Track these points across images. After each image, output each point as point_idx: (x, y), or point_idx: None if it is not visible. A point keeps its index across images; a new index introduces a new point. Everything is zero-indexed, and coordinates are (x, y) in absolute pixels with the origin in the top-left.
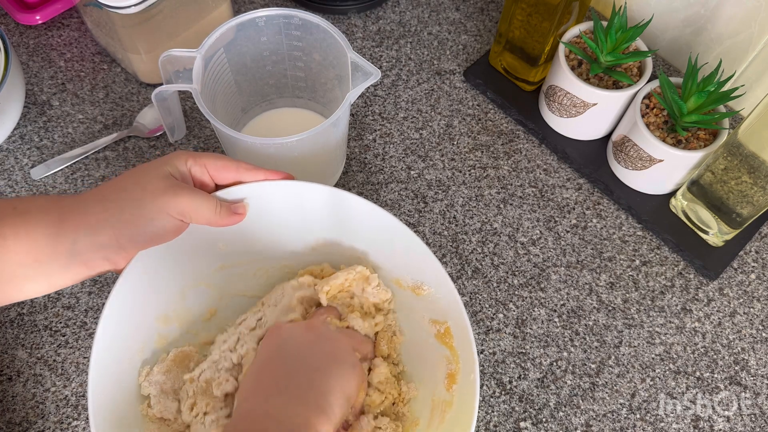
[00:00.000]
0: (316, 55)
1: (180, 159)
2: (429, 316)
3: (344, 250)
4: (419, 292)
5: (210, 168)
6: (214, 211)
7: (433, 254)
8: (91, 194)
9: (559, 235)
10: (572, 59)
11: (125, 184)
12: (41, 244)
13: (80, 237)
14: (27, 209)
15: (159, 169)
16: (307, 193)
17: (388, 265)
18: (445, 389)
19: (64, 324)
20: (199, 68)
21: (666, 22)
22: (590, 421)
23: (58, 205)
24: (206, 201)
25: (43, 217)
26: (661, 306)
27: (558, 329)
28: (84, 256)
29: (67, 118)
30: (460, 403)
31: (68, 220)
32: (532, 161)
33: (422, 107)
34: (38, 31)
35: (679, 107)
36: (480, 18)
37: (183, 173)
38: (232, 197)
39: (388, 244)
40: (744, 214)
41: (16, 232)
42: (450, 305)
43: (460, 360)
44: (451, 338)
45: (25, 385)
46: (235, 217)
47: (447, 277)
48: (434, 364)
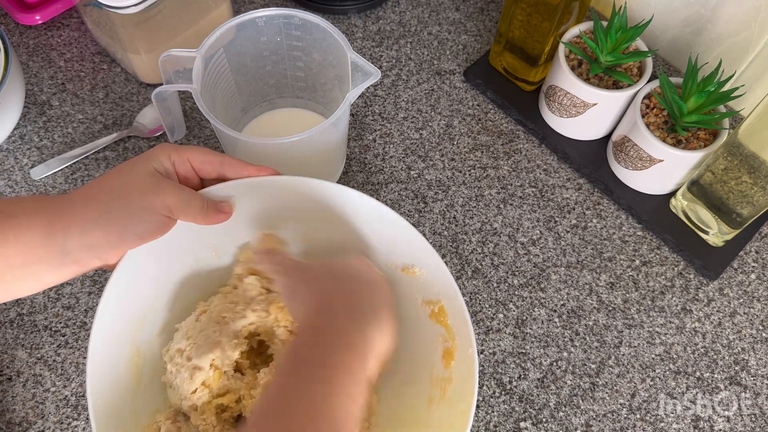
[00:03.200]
0: (316, 55)
1: (163, 154)
2: (422, 297)
3: (334, 238)
4: (411, 273)
5: (193, 162)
6: (201, 208)
7: (421, 235)
8: (78, 195)
9: (559, 235)
10: (572, 59)
11: (112, 183)
12: (31, 246)
13: (70, 239)
14: (14, 212)
15: (143, 165)
16: (295, 187)
17: (379, 249)
18: (444, 367)
19: (64, 324)
20: (199, 68)
21: (666, 22)
22: (590, 421)
23: (47, 207)
24: (193, 198)
25: (32, 221)
26: (661, 306)
27: (558, 329)
28: (75, 256)
29: (67, 118)
30: (460, 379)
31: (57, 223)
32: (532, 161)
33: (422, 107)
34: (38, 31)
35: (679, 107)
36: (480, 18)
37: (167, 169)
38: (218, 195)
39: (377, 229)
40: (744, 214)
41: (4, 236)
42: (442, 284)
43: (456, 337)
44: (445, 316)
45: (25, 385)
46: (221, 216)
47: (437, 257)
48: (430, 344)
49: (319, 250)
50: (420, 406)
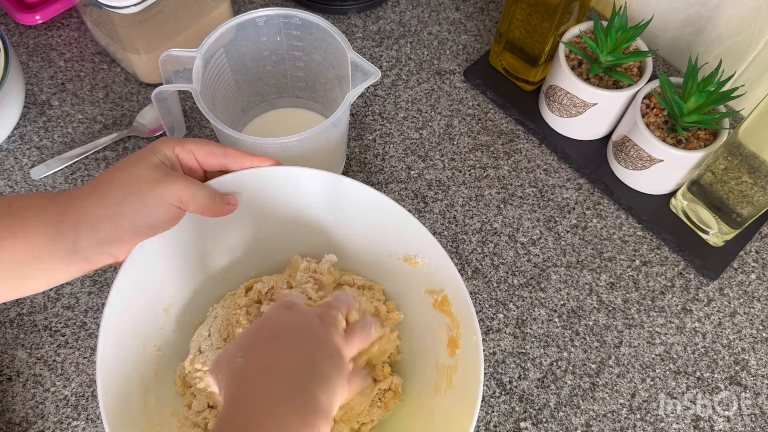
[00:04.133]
0: (316, 55)
1: (167, 146)
2: (425, 287)
3: (337, 230)
4: (413, 263)
5: (197, 153)
6: (209, 199)
7: (423, 226)
8: (86, 191)
9: (559, 235)
10: (572, 59)
11: (120, 178)
12: (40, 242)
13: (81, 234)
14: (23, 208)
15: (148, 159)
16: (297, 177)
17: (381, 240)
18: (449, 355)
19: (64, 324)
20: (199, 68)
21: (666, 22)
22: (590, 421)
23: (55, 203)
24: (201, 189)
25: (41, 216)
26: (661, 306)
27: (558, 329)
28: (85, 253)
29: (66, 118)
30: (465, 366)
31: (67, 219)
32: (532, 161)
33: (422, 107)
34: (38, 31)
35: (679, 107)
36: (480, 18)
37: (172, 160)
38: (224, 186)
39: (380, 220)
40: (744, 214)
41: (13, 232)
42: (445, 274)
43: (460, 325)
44: (448, 305)
45: (25, 385)
46: (228, 207)
47: (439, 246)
48: (435, 333)
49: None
50: (427, 395)
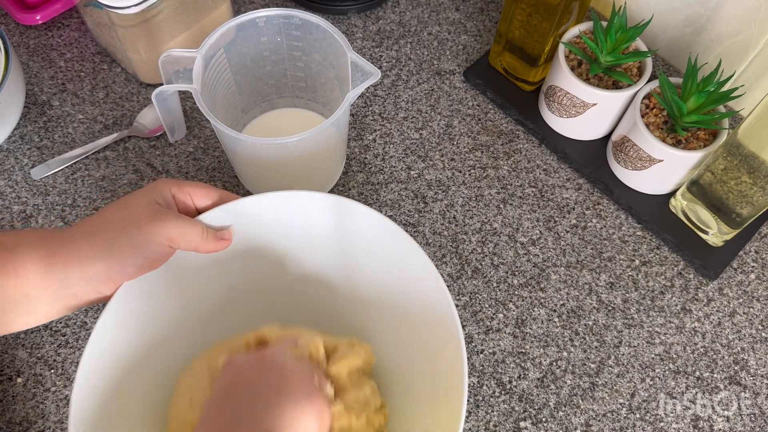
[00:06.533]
0: (316, 55)
1: (165, 187)
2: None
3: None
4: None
5: (194, 196)
6: (201, 236)
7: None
8: (77, 229)
9: (558, 235)
10: (572, 59)
11: (113, 217)
12: (30, 279)
13: (70, 272)
14: (14, 244)
15: (143, 198)
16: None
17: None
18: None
19: (64, 324)
20: (199, 68)
21: (666, 22)
22: (590, 420)
23: (46, 240)
24: (193, 226)
25: (32, 253)
26: (661, 306)
27: (558, 329)
28: (74, 289)
29: (67, 118)
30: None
31: (57, 255)
32: (532, 161)
33: (422, 107)
34: (38, 31)
35: (679, 107)
36: (480, 18)
37: (167, 199)
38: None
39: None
40: (744, 214)
41: (4, 268)
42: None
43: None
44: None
45: (25, 385)
46: (222, 243)
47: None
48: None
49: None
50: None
